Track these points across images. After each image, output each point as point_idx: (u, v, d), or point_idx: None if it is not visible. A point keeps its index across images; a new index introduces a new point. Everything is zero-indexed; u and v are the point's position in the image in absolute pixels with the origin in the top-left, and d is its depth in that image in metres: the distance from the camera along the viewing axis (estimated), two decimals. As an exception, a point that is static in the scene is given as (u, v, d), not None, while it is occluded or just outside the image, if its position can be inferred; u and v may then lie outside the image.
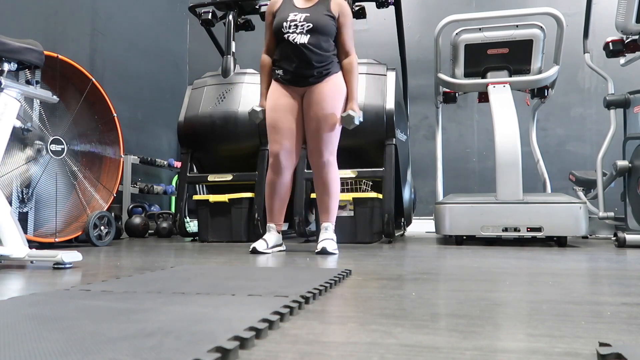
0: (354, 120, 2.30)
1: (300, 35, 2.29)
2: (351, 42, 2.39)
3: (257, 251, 2.34)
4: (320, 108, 2.32)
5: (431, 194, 5.06)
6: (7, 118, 1.91)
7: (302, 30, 2.29)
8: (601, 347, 0.64)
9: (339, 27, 2.37)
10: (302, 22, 2.29)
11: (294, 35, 2.29)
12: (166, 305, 0.92)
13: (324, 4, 2.34)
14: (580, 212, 2.74)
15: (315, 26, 2.28)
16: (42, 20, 3.62)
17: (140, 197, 4.67)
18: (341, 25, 2.36)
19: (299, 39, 2.29)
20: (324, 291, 1.14)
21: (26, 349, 0.62)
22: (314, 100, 2.33)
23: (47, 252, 1.75)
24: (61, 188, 2.95)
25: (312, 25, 2.28)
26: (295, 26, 2.29)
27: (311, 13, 2.31)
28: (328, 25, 2.30)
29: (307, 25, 2.29)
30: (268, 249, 2.39)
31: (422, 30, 5.26)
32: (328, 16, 2.31)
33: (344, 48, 2.39)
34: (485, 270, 1.59)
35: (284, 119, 2.36)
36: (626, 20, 2.96)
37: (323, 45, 2.31)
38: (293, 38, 2.29)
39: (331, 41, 2.35)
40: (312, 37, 2.29)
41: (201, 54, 5.78)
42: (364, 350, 0.66)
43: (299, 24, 2.29)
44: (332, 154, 2.38)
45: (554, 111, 4.91)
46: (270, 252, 2.41)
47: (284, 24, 2.31)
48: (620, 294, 1.12)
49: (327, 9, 2.33)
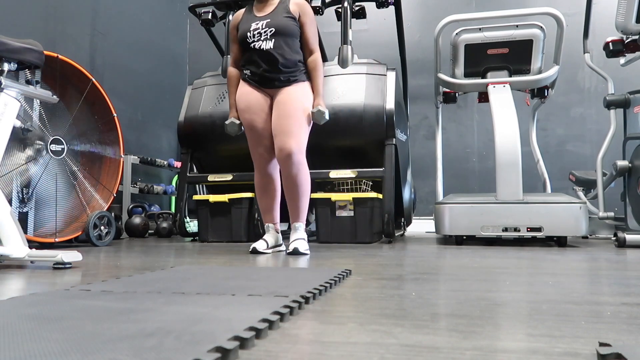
0: (324, 115, 2.34)
1: (265, 41, 2.33)
2: (314, 40, 2.42)
3: (257, 251, 2.34)
4: (287, 106, 2.33)
5: (431, 194, 5.06)
6: (7, 118, 1.91)
7: (266, 36, 2.33)
8: (601, 347, 0.64)
9: (301, 26, 2.40)
10: (264, 28, 2.34)
11: (259, 43, 2.34)
12: (166, 305, 0.92)
13: (283, 7, 2.38)
14: (580, 212, 2.74)
15: (277, 29, 2.33)
16: (42, 20, 3.62)
17: (140, 197, 4.67)
18: (303, 24, 2.40)
19: (264, 45, 2.33)
20: (324, 291, 1.14)
21: (26, 349, 0.62)
22: (283, 99, 2.36)
23: (47, 252, 1.75)
24: (61, 188, 2.95)
25: (274, 29, 2.33)
26: (259, 34, 2.34)
27: (271, 18, 2.36)
28: (289, 26, 2.34)
29: (270, 30, 2.33)
30: (268, 249, 2.40)
31: (422, 30, 5.26)
32: (288, 17, 2.35)
33: (307, 47, 2.42)
34: (485, 270, 1.59)
35: (259, 119, 2.40)
36: (626, 20, 2.96)
37: (289, 47, 2.35)
38: (259, 45, 2.34)
39: (297, 42, 2.39)
40: (276, 40, 2.33)
41: (201, 54, 5.78)
42: (364, 350, 0.66)
43: (262, 31, 2.34)
44: (301, 152, 2.34)
45: (554, 111, 4.91)
46: (271, 252, 2.42)
47: (247, 34, 2.36)
48: (620, 294, 1.12)
49: (287, 11, 2.37)
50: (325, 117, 2.36)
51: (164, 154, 5.21)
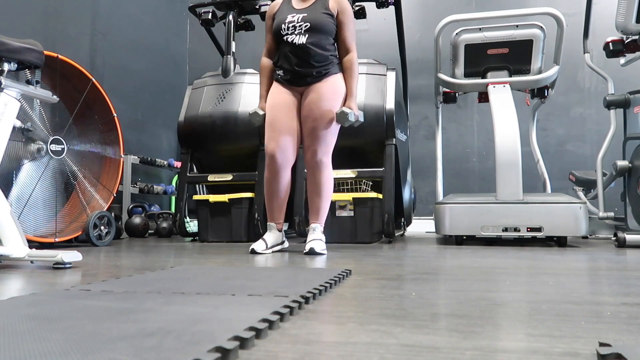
0: (348, 117, 2.27)
1: (299, 35, 2.29)
2: (352, 39, 2.38)
3: (256, 252, 2.34)
4: (317, 107, 2.31)
5: (431, 194, 5.06)
6: (7, 118, 1.91)
7: (300, 30, 2.29)
8: (601, 347, 0.64)
9: (338, 24, 2.36)
10: (300, 22, 2.30)
11: (292, 36, 2.30)
12: (166, 305, 0.92)
13: (322, 3, 2.34)
14: (580, 212, 2.74)
15: (313, 25, 2.28)
16: (42, 20, 3.62)
17: (140, 197, 4.67)
18: (340, 22, 2.36)
19: (297, 39, 2.29)
20: (324, 291, 1.14)
21: (26, 349, 0.62)
22: (312, 99, 2.33)
23: (47, 252, 1.75)
24: (61, 188, 2.95)
25: (309, 24, 2.29)
26: (294, 27, 2.30)
27: (309, 13, 2.31)
28: (326, 23, 2.30)
29: (305, 25, 2.29)
30: (267, 249, 2.38)
31: (422, 30, 5.26)
32: (326, 14, 2.31)
33: (344, 45, 2.38)
34: (485, 270, 1.59)
35: (283, 117, 2.36)
36: (626, 20, 2.96)
37: (322, 44, 2.31)
38: (292, 39, 2.30)
39: (331, 40, 2.35)
40: (311, 36, 2.29)
41: (201, 54, 5.78)
42: (364, 350, 0.66)
43: (297, 25, 2.30)
44: (327, 154, 2.36)
45: (554, 111, 4.91)
46: (270, 252, 2.41)
47: (282, 26, 2.33)
48: (620, 294, 1.12)
49: (325, 7, 2.33)
50: (349, 119, 2.28)
51: (164, 154, 5.21)
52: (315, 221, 2.41)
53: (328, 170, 2.38)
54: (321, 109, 2.31)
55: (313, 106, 2.32)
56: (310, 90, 2.35)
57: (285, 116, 2.36)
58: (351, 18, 2.38)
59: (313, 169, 2.37)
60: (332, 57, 2.35)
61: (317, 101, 2.31)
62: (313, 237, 2.36)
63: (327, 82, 2.33)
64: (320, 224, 2.41)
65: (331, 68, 2.35)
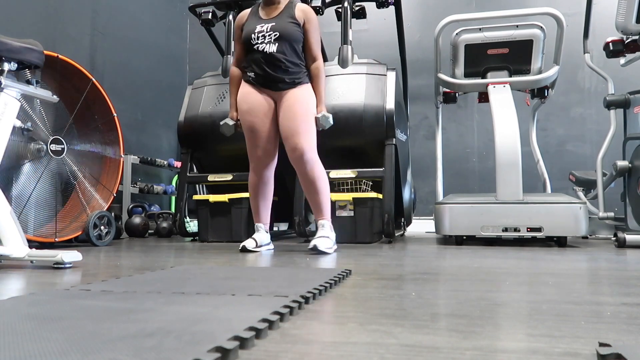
0: (329, 119, 2.41)
1: (269, 44, 2.36)
2: (317, 47, 2.47)
3: (247, 249, 2.39)
4: (294, 108, 2.38)
5: (431, 194, 5.06)
6: (7, 118, 1.91)
7: (270, 39, 2.36)
8: (601, 347, 0.64)
9: (304, 32, 2.44)
10: (269, 32, 2.37)
11: (262, 45, 2.37)
12: (166, 305, 0.92)
13: (288, 12, 2.41)
14: (580, 212, 2.74)
15: (281, 34, 2.36)
16: (42, 20, 3.62)
17: (140, 197, 4.67)
18: (306, 31, 2.44)
19: (267, 47, 2.37)
20: (324, 291, 1.14)
21: (26, 349, 0.62)
22: (288, 103, 2.39)
23: (47, 252, 1.75)
24: (61, 188, 2.95)
25: (278, 33, 2.36)
26: (263, 36, 2.38)
27: (276, 22, 2.39)
28: (293, 32, 2.38)
29: (274, 34, 2.36)
30: (257, 247, 2.45)
31: (422, 30, 5.26)
32: (293, 23, 2.39)
33: (310, 53, 2.46)
34: (485, 271, 1.59)
35: (261, 122, 2.44)
36: (626, 20, 2.96)
37: (291, 52, 2.39)
38: (262, 47, 2.37)
39: (300, 48, 2.43)
40: (280, 45, 2.36)
41: (201, 54, 5.78)
42: (364, 350, 0.66)
43: (266, 34, 2.37)
44: (313, 149, 2.40)
45: (554, 111, 4.91)
46: (260, 251, 2.46)
47: (252, 36, 2.39)
48: (620, 294, 1.12)
49: (292, 17, 2.40)
50: (330, 122, 2.42)
51: (164, 154, 5.21)
52: (321, 217, 2.43)
53: (318, 165, 2.41)
54: (301, 107, 2.38)
55: (292, 107, 2.38)
56: (284, 95, 2.41)
57: (262, 121, 2.44)
58: (316, 26, 2.46)
59: (303, 167, 2.39)
60: (303, 67, 2.44)
61: (294, 102, 2.39)
62: (318, 234, 2.38)
63: (301, 88, 2.42)
64: (326, 219, 2.43)
65: (302, 78, 2.43)
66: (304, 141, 2.36)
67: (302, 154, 2.36)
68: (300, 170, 2.40)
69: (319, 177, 2.40)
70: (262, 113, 2.43)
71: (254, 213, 2.57)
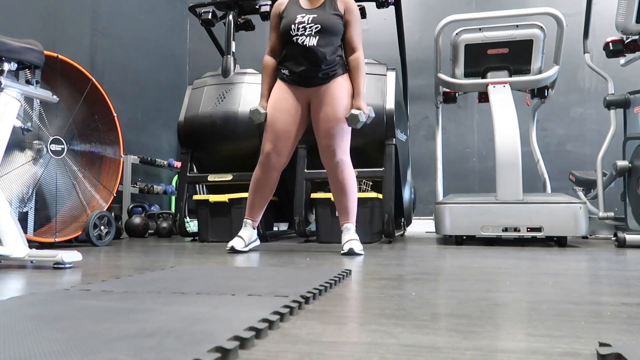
0: (359, 118, 2.26)
1: (309, 37, 2.27)
2: (358, 39, 2.37)
3: (236, 250, 2.36)
4: (331, 108, 2.30)
5: (431, 194, 5.06)
6: (7, 118, 1.91)
7: (310, 32, 2.27)
8: (601, 347, 0.64)
9: (345, 24, 2.35)
10: (310, 23, 2.28)
11: (302, 38, 2.28)
12: (166, 305, 0.92)
13: (331, 3, 2.33)
14: (580, 212, 2.74)
15: (323, 27, 2.27)
16: (42, 20, 3.62)
17: (140, 197, 4.67)
18: (347, 22, 2.35)
19: (308, 41, 2.27)
20: (324, 291, 1.14)
21: (26, 348, 0.62)
22: (324, 101, 2.32)
23: (47, 252, 1.75)
24: (61, 188, 2.95)
25: (320, 26, 2.27)
26: (304, 28, 2.28)
27: (318, 14, 2.30)
28: (336, 25, 2.29)
29: (315, 26, 2.27)
30: (246, 246, 2.42)
31: (422, 30, 5.26)
32: (335, 15, 2.30)
33: (350, 45, 2.37)
34: (485, 271, 1.59)
35: (282, 120, 2.35)
36: (626, 20, 2.96)
37: (331, 46, 2.30)
38: (302, 40, 2.28)
39: (339, 41, 2.35)
40: (321, 38, 2.28)
41: (201, 54, 5.78)
42: (364, 350, 0.66)
43: (307, 26, 2.28)
44: (345, 152, 2.36)
45: (554, 111, 4.91)
46: (248, 250, 2.44)
47: (292, 27, 2.30)
48: (620, 294, 1.12)
49: (334, 8, 2.32)
50: (360, 120, 2.27)
51: (164, 154, 5.21)
52: (347, 221, 2.38)
53: (349, 168, 2.37)
54: (336, 110, 2.30)
55: (327, 109, 2.31)
56: (319, 93, 2.34)
57: (284, 120, 2.35)
58: (358, 17, 2.37)
59: (334, 169, 2.35)
60: (339, 59, 2.35)
61: (330, 103, 2.31)
62: (348, 237, 2.32)
63: (335, 82, 2.33)
64: (352, 222, 2.38)
65: (337, 69, 2.34)
66: (337, 143, 2.31)
67: (335, 157, 2.32)
68: (331, 172, 2.36)
69: (349, 180, 2.35)
70: (286, 111, 2.35)
71: (248, 207, 2.47)
